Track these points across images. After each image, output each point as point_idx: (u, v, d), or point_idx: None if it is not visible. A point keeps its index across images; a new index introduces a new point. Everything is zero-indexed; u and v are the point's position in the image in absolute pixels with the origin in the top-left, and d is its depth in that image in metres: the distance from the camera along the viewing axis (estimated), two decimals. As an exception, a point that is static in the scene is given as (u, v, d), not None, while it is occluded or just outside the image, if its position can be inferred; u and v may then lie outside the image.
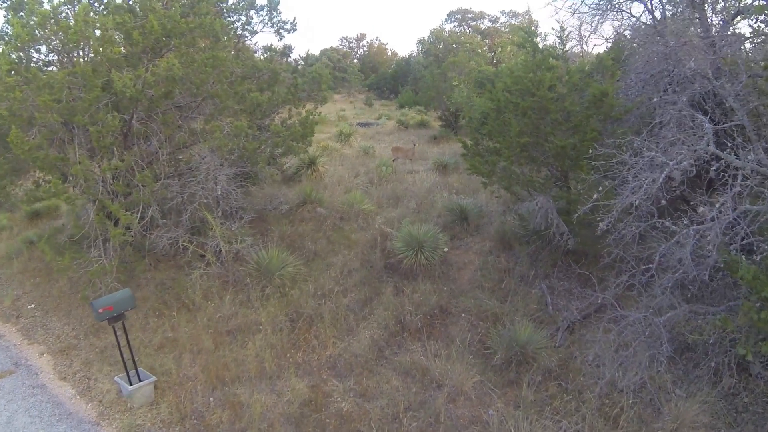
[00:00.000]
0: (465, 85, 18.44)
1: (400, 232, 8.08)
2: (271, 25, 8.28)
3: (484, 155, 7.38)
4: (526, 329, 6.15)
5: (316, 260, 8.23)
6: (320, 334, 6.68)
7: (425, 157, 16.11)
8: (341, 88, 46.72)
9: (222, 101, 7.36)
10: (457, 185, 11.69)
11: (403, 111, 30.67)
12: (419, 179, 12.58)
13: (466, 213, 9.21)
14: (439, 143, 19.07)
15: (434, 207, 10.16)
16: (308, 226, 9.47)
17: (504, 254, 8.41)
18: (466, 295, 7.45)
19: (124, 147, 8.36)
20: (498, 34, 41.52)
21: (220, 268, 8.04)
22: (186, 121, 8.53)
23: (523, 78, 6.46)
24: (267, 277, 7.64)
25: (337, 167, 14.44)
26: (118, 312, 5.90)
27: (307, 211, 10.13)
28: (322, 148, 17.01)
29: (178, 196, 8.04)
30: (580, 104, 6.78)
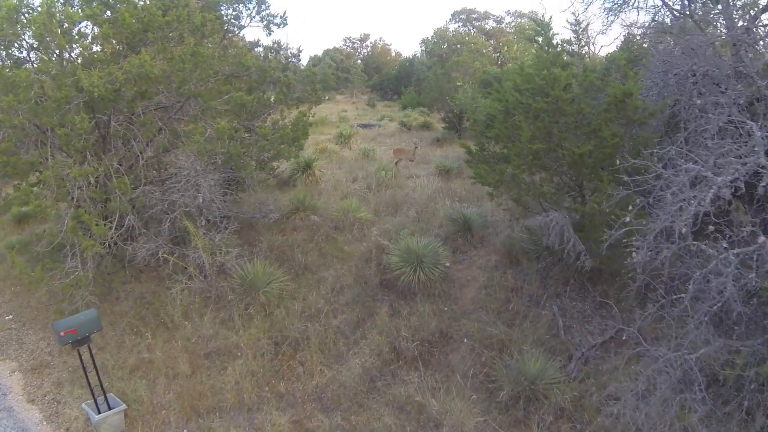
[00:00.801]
0: (469, 86, 17.77)
1: (398, 245, 7.43)
2: (260, 19, 7.66)
3: (491, 162, 6.72)
4: (537, 362, 5.49)
5: (305, 275, 7.59)
6: (306, 360, 6.03)
7: (427, 160, 15.44)
8: (344, 89, 46.15)
9: (205, 102, 6.74)
10: (461, 192, 11.03)
11: (405, 112, 30.03)
12: (420, 185, 11.92)
13: (470, 223, 8.55)
14: (442, 146, 18.40)
15: (436, 216, 9.51)
16: (300, 236, 8.82)
17: (511, 270, 7.74)
18: (468, 317, 6.80)
19: (103, 150, 7.75)
20: (503, 34, 40.84)
21: (202, 282, 7.42)
22: (169, 122, 7.92)
23: (535, 76, 5.80)
24: (251, 293, 7.01)
25: (334, 171, 13.81)
26: (83, 335, 5.32)
27: (299, 218, 9.50)
28: (320, 151, 16.39)
29: (159, 204, 7.42)
30: (597, 106, 6.13)
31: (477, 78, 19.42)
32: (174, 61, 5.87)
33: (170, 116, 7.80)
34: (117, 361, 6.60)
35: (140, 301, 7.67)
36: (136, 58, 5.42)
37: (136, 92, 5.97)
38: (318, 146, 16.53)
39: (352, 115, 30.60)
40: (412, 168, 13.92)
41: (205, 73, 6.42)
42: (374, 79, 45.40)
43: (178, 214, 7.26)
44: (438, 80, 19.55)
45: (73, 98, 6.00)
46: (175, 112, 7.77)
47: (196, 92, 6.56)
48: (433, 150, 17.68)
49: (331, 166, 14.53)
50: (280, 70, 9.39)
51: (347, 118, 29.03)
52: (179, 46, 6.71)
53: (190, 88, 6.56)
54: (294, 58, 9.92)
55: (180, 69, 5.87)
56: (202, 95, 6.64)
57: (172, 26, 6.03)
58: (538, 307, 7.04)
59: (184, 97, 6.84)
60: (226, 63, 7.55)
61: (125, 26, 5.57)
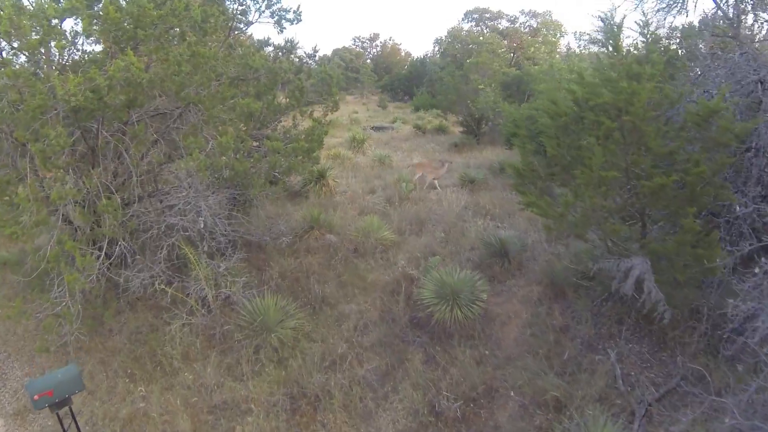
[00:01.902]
0: (491, 89, 16.75)
1: (429, 277, 6.45)
2: (270, 14, 6.67)
3: (538, 182, 5.71)
4: (605, 428, 4.51)
5: (323, 309, 6.62)
6: (328, 420, 5.06)
7: (449, 167, 14.44)
8: (354, 89, 45.21)
9: (207, 109, 5.80)
10: (489, 206, 10.03)
11: (418, 114, 29.06)
12: (444, 197, 10.94)
13: (507, 247, 7.55)
14: (461, 151, 17.41)
15: (466, 237, 8.52)
16: (315, 260, 7.86)
17: (557, 305, 6.74)
18: (514, 363, 5.80)
19: (92, 164, 6.83)
20: (517, 33, 39.71)
21: (205, 317, 6.48)
22: (167, 131, 6.99)
23: (602, 87, 4.79)
24: (262, 333, 6.05)
25: (349, 180, 12.85)
26: (61, 397, 4.39)
27: (314, 238, 8.54)
28: (333, 157, 15.45)
29: (155, 227, 6.49)
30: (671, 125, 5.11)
31: (497, 80, 18.38)
32: (169, 62, 4.93)
33: (168, 125, 6.88)
34: (108, 411, 5.66)
35: (135, 337, 6.74)
36: (120, 60, 4.48)
37: (125, 100, 5.03)
38: (330, 152, 15.59)
39: (363, 117, 29.66)
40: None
41: (206, 76, 5.48)
42: (385, 80, 44.45)
43: (177, 239, 6.33)
44: (456, 82, 18.54)
45: (51, 107, 5.06)
46: (174, 120, 6.84)
47: (196, 99, 5.61)
48: (453, 156, 16.68)
49: (345, 175, 13.58)
50: (293, 73, 8.42)
51: (358, 120, 28.09)
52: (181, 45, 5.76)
53: (189, 93, 5.62)
54: (309, 58, 8.90)
55: (176, 72, 4.93)
56: (203, 102, 5.69)
57: (167, 22, 5.08)
58: (591, 351, 6.05)
59: (182, 104, 5.90)
60: (231, 64, 6.61)
61: (111, 22, 4.63)
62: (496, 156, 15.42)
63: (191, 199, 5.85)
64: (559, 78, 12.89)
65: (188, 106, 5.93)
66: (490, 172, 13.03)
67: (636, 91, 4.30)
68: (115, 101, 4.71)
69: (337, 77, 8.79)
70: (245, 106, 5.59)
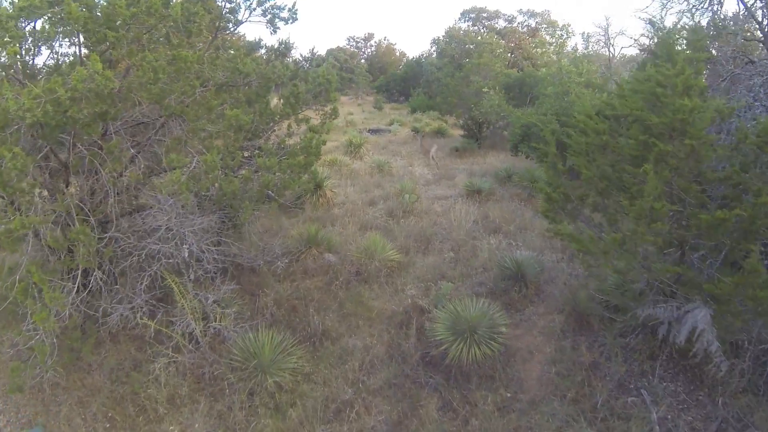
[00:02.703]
0: (495, 92, 16.11)
1: (442, 310, 5.80)
2: (262, 13, 5.95)
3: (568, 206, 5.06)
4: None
5: (324, 344, 5.94)
6: (333, 485, 4.41)
7: (450, 175, 13.81)
8: (348, 90, 44.48)
9: (190, 121, 5.11)
10: (499, 219, 9.39)
11: (416, 116, 28.41)
12: (450, 208, 10.29)
13: (523, 270, 6.91)
14: (462, 157, 16.76)
15: (477, 256, 7.87)
16: (314, 284, 7.18)
17: (582, 337, 6.12)
18: (540, 409, 5.16)
19: (66, 183, 6.12)
20: (515, 33, 39.15)
21: (192, 353, 5.80)
22: (149, 143, 6.29)
23: (653, 102, 4.15)
24: (256, 375, 5.37)
25: (347, 189, 12.18)
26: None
27: (312, 258, 7.86)
28: (330, 163, 14.77)
29: (135, 254, 5.78)
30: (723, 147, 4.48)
31: (499, 82, 17.75)
32: (144, 69, 4.25)
33: (150, 136, 6.17)
34: (85, 463, 5.00)
35: (116, 374, 6.02)
36: (83, 69, 3.79)
37: (95, 113, 4.33)
38: (326, 157, 14.88)
39: (359, 119, 28.97)
40: (437, 188, 12.29)
41: (189, 83, 4.79)
42: (380, 80, 43.73)
43: (159, 268, 5.63)
44: (456, 84, 17.89)
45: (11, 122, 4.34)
46: (156, 131, 6.14)
47: (178, 109, 4.92)
48: (454, 161, 16.05)
49: (343, 183, 12.90)
50: (288, 78, 7.74)
51: (354, 122, 27.40)
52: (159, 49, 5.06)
53: (170, 103, 4.93)
54: (305, 61, 8.16)
55: (152, 80, 4.24)
56: (186, 113, 5.00)
57: (143, 22, 4.38)
58: (624, 393, 5.43)
59: (164, 115, 5.21)
60: (219, 69, 5.92)
61: (74, 22, 3.94)
62: (500, 162, 14.80)
63: (173, 225, 5.15)
64: (568, 81, 12.29)
65: (170, 116, 5.24)
66: (497, 180, 12.40)
67: (697, 109, 3.66)
68: (81, 115, 4.01)
69: (335, 82, 8.09)
70: (233, 118, 4.90)
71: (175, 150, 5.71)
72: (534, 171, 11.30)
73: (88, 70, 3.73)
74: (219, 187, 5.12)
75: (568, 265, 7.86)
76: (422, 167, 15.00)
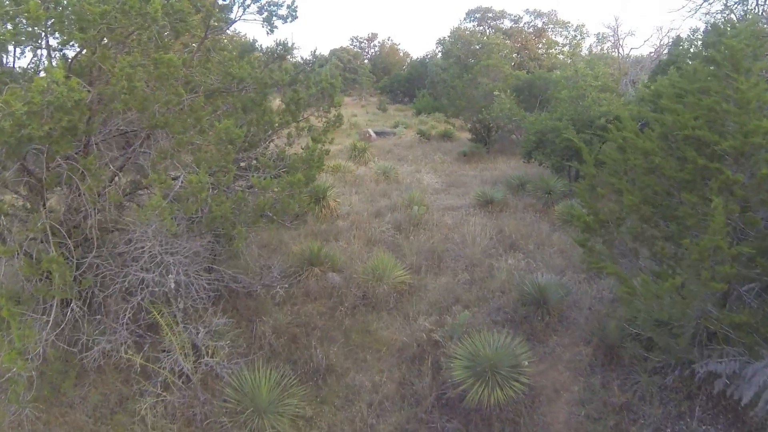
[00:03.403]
0: (506, 96, 15.47)
1: (459, 346, 5.20)
2: (257, 10, 5.32)
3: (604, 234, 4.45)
4: None
5: (328, 381, 5.35)
6: None
7: (460, 182, 13.21)
8: (352, 91, 43.89)
9: (176, 133, 4.54)
10: (515, 234, 8.77)
11: (421, 118, 27.80)
12: (461, 221, 9.69)
13: (546, 296, 6.31)
14: (470, 162, 16.14)
15: (493, 276, 7.26)
16: (317, 308, 6.59)
17: (613, 373, 5.51)
18: (572, 461, 4.57)
19: (43, 202, 5.55)
20: (521, 33, 38.49)
21: (183, 391, 5.22)
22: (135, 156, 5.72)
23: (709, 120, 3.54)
24: (253, 418, 4.79)
25: (351, 198, 11.58)
26: None
27: (314, 278, 7.27)
28: (333, 169, 14.17)
29: (118, 282, 5.21)
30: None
31: (509, 84, 17.12)
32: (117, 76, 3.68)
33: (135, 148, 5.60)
34: None
35: (100, 411, 5.45)
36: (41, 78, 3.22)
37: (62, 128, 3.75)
38: (330, 163, 14.29)
39: (362, 121, 28.37)
40: (446, 197, 11.68)
41: (173, 91, 4.21)
42: (384, 81, 43.12)
43: (144, 298, 5.05)
44: (465, 87, 17.27)
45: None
46: (141, 142, 5.56)
47: (160, 122, 4.34)
48: (463, 167, 15.43)
49: (347, 191, 12.31)
50: (288, 84, 7.16)
51: (358, 124, 26.81)
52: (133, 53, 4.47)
53: (152, 113, 4.35)
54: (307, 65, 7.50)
55: (125, 89, 3.66)
56: (171, 124, 4.42)
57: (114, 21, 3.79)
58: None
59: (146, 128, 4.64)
60: (210, 73, 5.33)
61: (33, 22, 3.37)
62: (511, 169, 14.17)
63: (157, 252, 4.57)
64: (584, 85, 11.66)
65: (154, 128, 4.66)
66: (509, 188, 11.78)
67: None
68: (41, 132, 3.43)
69: (339, 86, 7.49)
70: (223, 131, 4.32)
71: (162, 164, 5.13)
72: (549, 180, 10.68)
73: (46, 81, 3.16)
74: (209, 209, 4.54)
75: (591, 285, 7.26)
76: (430, 174, 14.40)
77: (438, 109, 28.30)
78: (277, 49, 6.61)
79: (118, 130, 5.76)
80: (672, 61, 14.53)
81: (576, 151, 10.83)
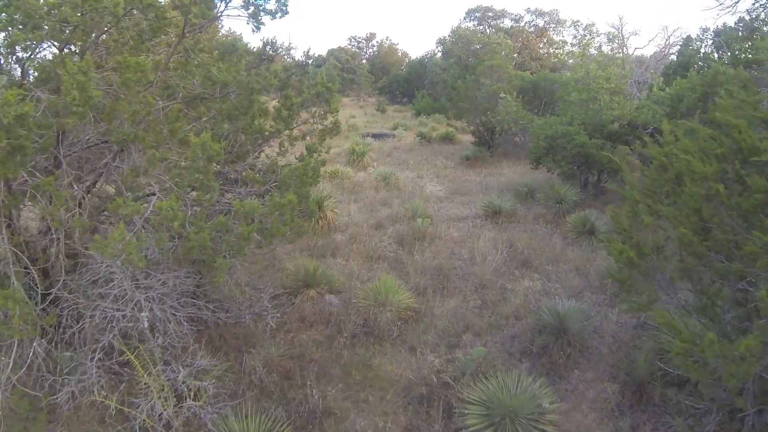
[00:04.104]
0: (513, 98, 14.86)
1: (474, 390, 4.59)
2: (243, 4, 4.65)
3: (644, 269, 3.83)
4: None
5: (326, 425, 4.73)
6: None
7: (464, 189, 12.60)
8: (350, 91, 43.26)
9: (146, 148, 3.93)
10: (527, 250, 8.16)
11: (420, 119, 27.21)
12: (468, 233, 9.08)
13: (566, 325, 5.71)
14: (474, 166, 15.53)
15: (506, 299, 6.66)
16: (313, 337, 5.98)
17: (643, 414, 4.91)
18: None
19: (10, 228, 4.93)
20: (521, 33, 37.88)
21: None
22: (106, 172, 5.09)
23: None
24: (238, 475, 4.19)
25: (350, 206, 10.97)
26: None
27: (310, 301, 6.66)
28: (331, 175, 13.57)
29: (87, 316, 4.59)
30: None
31: (513, 85, 16.50)
32: (67, 84, 3.07)
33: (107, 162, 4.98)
34: None
35: (69, 458, 4.86)
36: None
37: (8, 148, 3.14)
38: (327, 169, 13.66)
39: (361, 122, 27.78)
40: (451, 206, 11.07)
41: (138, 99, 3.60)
42: (382, 81, 42.51)
43: (115, 336, 4.43)
44: (467, 88, 16.65)
45: None
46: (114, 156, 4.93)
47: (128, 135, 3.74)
48: (466, 172, 14.83)
49: (345, 199, 11.70)
50: (277, 88, 6.56)
51: (356, 125, 26.21)
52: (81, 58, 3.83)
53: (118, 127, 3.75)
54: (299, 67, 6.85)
55: (77, 101, 3.06)
56: (140, 138, 3.82)
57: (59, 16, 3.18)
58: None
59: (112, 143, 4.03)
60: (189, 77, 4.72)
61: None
62: (517, 175, 13.57)
63: (127, 289, 3.96)
64: (596, 87, 11.06)
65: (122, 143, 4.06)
66: (516, 197, 11.18)
67: None
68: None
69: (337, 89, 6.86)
70: (200, 150, 3.70)
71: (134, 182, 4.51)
72: (560, 188, 10.08)
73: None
74: (186, 237, 3.92)
75: (611, 308, 6.67)
76: (433, 180, 13.80)
77: (438, 110, 27.70)
78: (264, 49, 5.97)
79: (88, 144, 5.14)
80: (684, 62, 13.96)
81: (588, 157, 10.24)
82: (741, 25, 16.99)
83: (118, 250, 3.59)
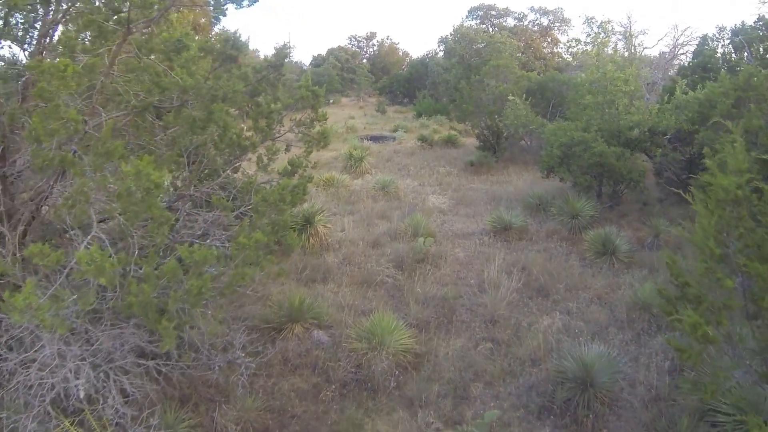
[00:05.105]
0: (521, 101, 13.97)
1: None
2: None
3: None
4: None
5: None
6: None
7: (470, 199, 11.72)
8: (350, 91, 42.38)
9: (76, 176, 3.10)
10: (543, 276, 7.25)
11: (421, 121, 26.31)
12: (476, 253, 8.20)
13: (593, 375, 4.83)
14: (479, 173, 14.65)
15: (521, 339, 5.78)
16: (296, 385, 5.11)
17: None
18: None
19: None
20: (525, 32, 36.94)
21: None
22: (46, 200, 4.25)
23: None
24: None
25: (345, 219, 10.08)
26: None
27: (296, 339, 5.80)
28: (325, 184, 12.68)
29: (14, 381, 3.73)
30: None
31: (520, 86, 15.61)
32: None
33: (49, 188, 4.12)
34: None
35: None
36: None
37: None
38: (322, 176, 12.78)
39: (360, 124, 26.87)
40: (455, 220, 10.19)
41: (55, 115, 2.76)
42: (383, 81, 41.62)
43: (49, 404, 3.56)
44: (472, 89, 15.75)
45: None
46: (55, 180, 4.08)
47: (53, 160, 2.89)
48: (470, 180, 13.94)
49: (340, 209, 10.84)
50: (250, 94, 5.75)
51: (355, 127, 25.32)
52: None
53: (38, 151, 2.89)
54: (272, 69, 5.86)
55: None
56: (69, 163, 2.97)
57: None
58: None
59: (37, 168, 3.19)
60: (137, 83, 3.86)
61: None
62: (526, 184, 12.67)
63: (53, 354, 3.11)
64: (613, 90, 10.17)
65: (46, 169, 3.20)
66: (526, 209, 10.30)
67: None
68: None
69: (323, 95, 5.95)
70: (131, 178, 2.85)
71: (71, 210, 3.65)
72: (575, 201, 9.19)
73: None
74: (127, 290, 3.06)
75: (640, 347, 5.79)
76: (435, 189, 12.91)
77: (440, 111, 26.82)
78: (226, 48, 5.07)
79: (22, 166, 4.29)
80: (703, 62, 13.06)
81: (605, 167, 9.37)
82: (761, 24, 16.08)
83: (28, 315, 2.73)
